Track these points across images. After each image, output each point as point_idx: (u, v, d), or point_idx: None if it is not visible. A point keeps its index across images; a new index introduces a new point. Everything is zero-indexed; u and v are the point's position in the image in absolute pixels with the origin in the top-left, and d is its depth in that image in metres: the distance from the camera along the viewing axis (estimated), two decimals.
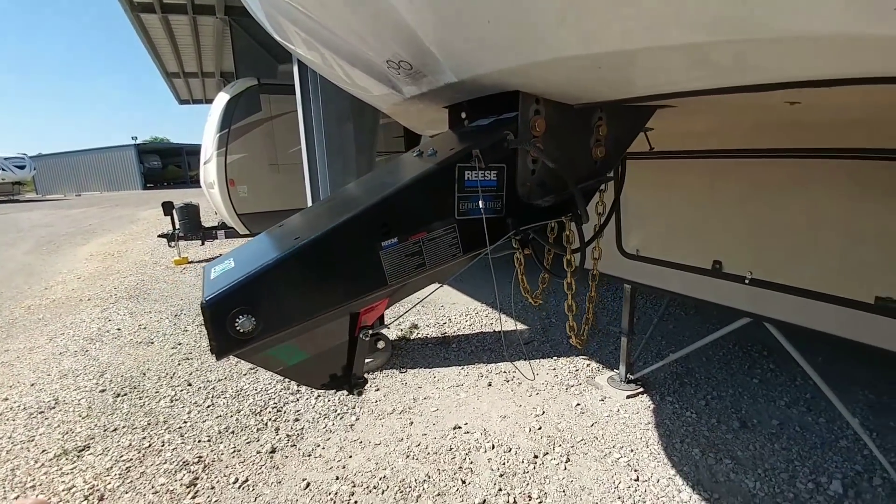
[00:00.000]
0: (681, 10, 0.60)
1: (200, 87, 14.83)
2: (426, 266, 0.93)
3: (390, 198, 0.87)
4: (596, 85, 0.91)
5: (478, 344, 3.74)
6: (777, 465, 2.14)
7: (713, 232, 2.17)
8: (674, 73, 0.75)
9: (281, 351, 0.87)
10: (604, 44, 0.69)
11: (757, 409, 2.61)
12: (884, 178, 1.48)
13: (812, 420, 2.47)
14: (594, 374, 3.13)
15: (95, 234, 10.68)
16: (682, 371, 3.10)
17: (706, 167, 2.11)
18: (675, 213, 2.35)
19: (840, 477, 2.02)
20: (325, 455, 2.39)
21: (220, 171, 6.65)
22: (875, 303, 1.50)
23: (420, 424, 2.64)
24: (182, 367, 3.48)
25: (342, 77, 1.44)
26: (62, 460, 2.42)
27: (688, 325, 3.91)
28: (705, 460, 2.21)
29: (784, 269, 1.84)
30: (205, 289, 0.81)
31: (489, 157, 0.97)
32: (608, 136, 1.12)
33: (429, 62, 0.92)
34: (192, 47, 10.76)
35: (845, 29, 0.54)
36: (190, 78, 13.55)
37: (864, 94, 0.96)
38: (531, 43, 0.74)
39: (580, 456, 2.30)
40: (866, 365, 2.99)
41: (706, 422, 2.52)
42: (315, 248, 0.82)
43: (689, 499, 1.98)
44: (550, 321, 4.15)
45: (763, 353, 3.22)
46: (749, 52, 0.66)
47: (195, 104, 17.09)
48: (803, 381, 2.85)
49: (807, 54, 0.61)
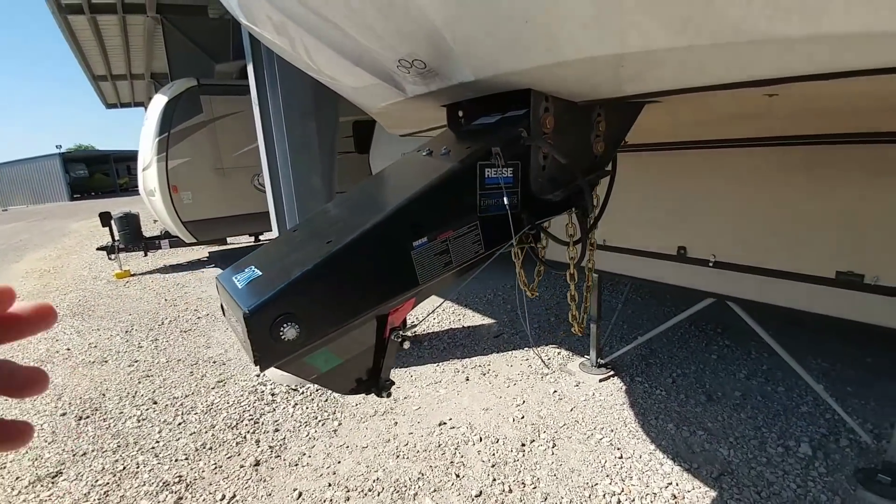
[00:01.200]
0: (706, 13, 0.65)
1: (129, 89, 13.85)
2: (453, 264, 0.95)
3: (420, 197, 0.88)
4: (605, 83, 0.96)
5: (449, 340, 3.77)
6: (746, 432, 2.33)
7: (677, 219, 2.32)
8: (688, 70, 0.80)
9: (317, 358, 0.85)
10: (632, 44, 0.73)
11: (720, 383, 2.83)
12: (838, 161, 1.66)
13: (772, 389, 2.71)
14: (566, 361, 3.26)
15: (28, 250, 9.77)
16: (647, 353, 3.29)
17: (669, 159, 2.26)
18: (639, 203, 2.49)
19: (807, 440, 2.23)
20: (313, 463, 2.33)
21: (162, 178, 6.26)
22: (836, 277, 1.67)
23: (405, 424, 2.63)
24: (143, 385, 3.26)
25: (328, 75, 1.41)
26: (37, 487, 2.25)
27: (646, 310, 4.15)
28: (680, 433, 2.37)
29: (747, 251, 2.00)
30: (238, 299, 0.78)
31: (506, 154, 0.99)
32: (606, 131, 1.18)
33: (446, 61, 0.93)
34: (120, 48, 10.04)
35: None
36: (118, 80, 12.63)
37: (836, 86, 1.07)
38: (562, 43, 0.77)
39: (565, 440, 2.39)
40: (814, 335, 3.31)
41: (675, 398, 2.70)
42: (351, 250, 0.81)
43: (671, 470, 2.11)
44: (517, 313, 4.26)
45: (717, 331, 3.49)
46: (748, 54, 0.73)
47: (123, 108, 15.93)
48: (758, 353, 3.12)
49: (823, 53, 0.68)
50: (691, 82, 0.92)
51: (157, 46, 9.73)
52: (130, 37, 9.55)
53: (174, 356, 3.76)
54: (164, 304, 5.22)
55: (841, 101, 1.41)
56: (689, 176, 2.21)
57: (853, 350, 3.10)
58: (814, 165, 1.74)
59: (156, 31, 8.90)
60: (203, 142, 6.51)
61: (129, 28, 9.09)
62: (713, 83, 0.92)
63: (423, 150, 1.13)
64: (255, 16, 1.38)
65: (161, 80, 11.74)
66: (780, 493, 1.97)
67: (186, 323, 4.56)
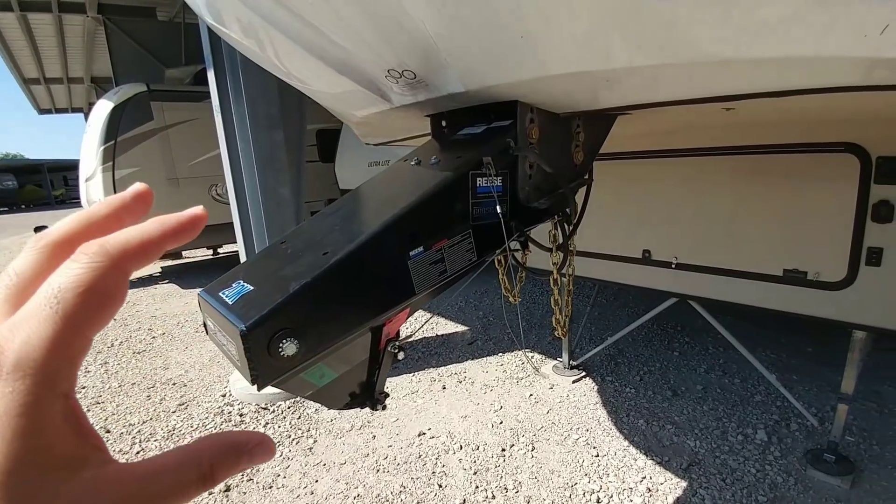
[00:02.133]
0: (689, 33, 0.70)
1: (65, 94, 12.98)
2: (448, 272, 0.95)
3: (417, 206, 0.88)
4: (588, 96, 1.00)
5: (423, 349, 3.76)
6: (709, 424, 2.46)
7: (641, 224, 2.44)
8: (676, 85, 0.85)
9: (313, 373, 0.83)
10: (623, 60, 0.77)
11: (682, 378, 2.97)
12: (785, 169, 1.80)
13: (729, 382, 2.88)
14: (539, 364, 3.32)
15: None
16: (615, 353, 3.40)
17: (635, 167, 2.37)
18: (605, 209, 2.60)
19: (763, 427, 2.39)
20: (288, 484, 2.25)
21: (108, 189, 5.92)
22: (783, 274, 1.81)
23: (383, 437, 2.59)
24: (94, 412, 3.03)
25: (306, 83, 1.39)
26: None
27: (610, 311, 4.30)
28: (650, 428, 2.46)
29: (706, 253, 2.13)
30: (229, 315, 0.74)
31: (496, 164, 1.01)
32: (585, 141, 1.23)
33: (437, 72, 0.94)
34: (56, 50, 9.39)
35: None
36: (53, 84, 11.81)
37: (786, 102, 1.17)
38: (554, 57, 0.80)
39: (543, 442, 2.43)
40: (759, 328, 3.53)
41: (644, 394, 2.81)
42: (351, 260, 0.80)
43: (644, 465, 2.19)
44: (489, 319, 4.31)
45: (678, 329, 3.66)
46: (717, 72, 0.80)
47: (59, 114, 14.91)
48: (715, 349, 3.30)
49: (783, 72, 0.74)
50: (664, 97, 0.98)
51: (98, 49, 9.21)
52: (67, 38, 8.99)
53: (127, 380, 3.53)
54: (114, 325, 4.90)
55: (787, 115, 1.54)
56: (653, 183, 2.33)
57: (795, 341, 3.35)
58: (762, 173, 1.88)
59: (97, 32, 8.42)
60: (154, 150, 6.22)
61: (65, 28, 8.55)
62: (682, 98, 0.98)
63: (410, 160, 1.14)
64: (225, 17, 1.34)
65: (103, 84, 11.11)
66: (742, 478, 2.09)
67: (140, 343, 4.30)
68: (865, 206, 1.71)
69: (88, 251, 0.22)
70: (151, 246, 0.24)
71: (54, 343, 0.21)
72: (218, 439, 0.26)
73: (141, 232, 0.24)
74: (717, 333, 2.41)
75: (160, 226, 0.25)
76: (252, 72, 2.74)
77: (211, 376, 3.49)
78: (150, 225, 0.25)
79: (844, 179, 1.73)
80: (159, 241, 0.25)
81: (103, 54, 8.58)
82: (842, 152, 1.72)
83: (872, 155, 1.68)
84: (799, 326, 3.46)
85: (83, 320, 0.22)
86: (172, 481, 0.23)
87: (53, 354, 0.21)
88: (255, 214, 2.98)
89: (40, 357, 0.20)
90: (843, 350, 2.04)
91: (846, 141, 1.71)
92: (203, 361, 3.77)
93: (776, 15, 0.64)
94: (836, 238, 1.79)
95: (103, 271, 0.22)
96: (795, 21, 0.64)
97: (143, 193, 0.27)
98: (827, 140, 1.77)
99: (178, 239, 0.26)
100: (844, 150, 1.72)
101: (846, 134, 1.71)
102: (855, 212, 1.73)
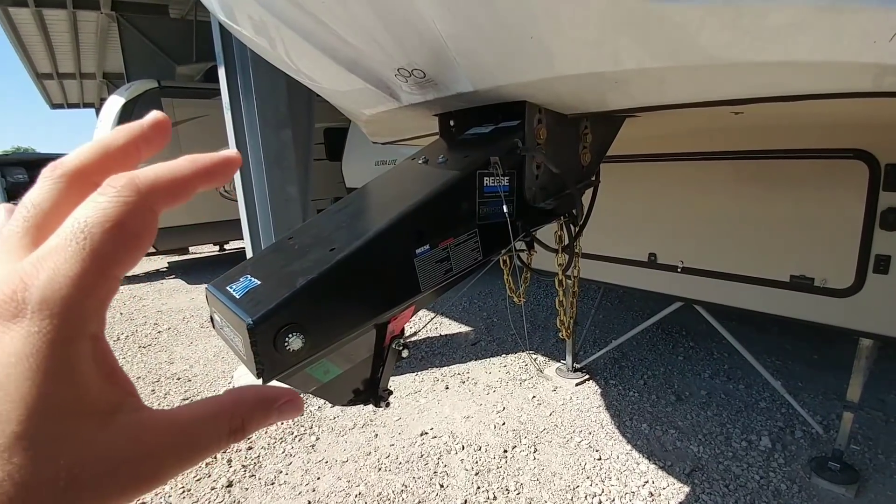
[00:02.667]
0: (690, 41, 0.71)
1: (78, 89, 13.13)
2: (453, 270, 0.96)
3: (425, 204, 0.88)
4: (596, 97, 1.01)
5: (427, 349, 3.76)
6: (713, 429, 2.44)
7: (648, 227, 2.43)
8: (684, 87, 0.86)
9: (318, 369, 0.84)
10: (632, 62, 0.77)
11: (686, 383, 2.95)
12: (793, 174, 1.79)
13: (733, 387, 2.86)
14: (542, 366, 3.31)
15: None
16: (619, 356, 3.39)
17: (639, 169, 2.36)
18: (612, 212, 2.59)
19: (767, 434, 2.37)
20: (290, 481, 2.26)
21: None
22: (790, 280, 1.80)
23: (385, 436, 2.60)
24: None
25: (317, 80, 1.40)
26: None
27: (616, 314, 4.29)
28: (653, 433, 2.46)
29: (712, 258, 2.12)
30: (237, 309, 0.75)
31: (503, 163, 1.02)
32: (592, 143, 1.23)
33: (447, 72, 0.95)
34: (69, 45, 9.51)
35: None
36: (65, 79, 11.95)
37: (795, 107, 1.17)
38: (563, 58, 0.80)
39: (545, 444, 2.43)
40: (763, 334, 3.51)
41: (647, 399, 2.80)
42: (358, 257, 0.81)
43: (647, 469, 2.19)
44: (493, 320, 4.31)
45: (682, 333, 3.65)
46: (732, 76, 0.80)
47: (71, 109, 15.09)
48: (720, 354, 3.28)
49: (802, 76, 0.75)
50: (672, 99, 0.99)
51: (111, 45, 9.31)
52: (81, 33, 9.10)
53: (132, 374, 3.56)
54: (120, 319, 4.95)
55: (795, 120, 1.53)
56: (660, 186, 2.32)
57: (800, 347, 3.32)
58: (770, 178, 1.87)
59: (110, 28, 8.51)
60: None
61: (79, 24, 8.66)
62: (690, 101, 0.98)
63: (418, 159, 1.14)
64: (237, 14, 1.35)
65: (115, 80, 11.21)
66: (745, 484, 2.08)
67: (145, 338, 4.34)
68: (874, 213, 1.70)
69: (116, 184, 0.21)
70: (183, 184, 0.23)
71: (82, 280, 0.19)
72: (249, 392, 0.25)
73: (172, 169, 0.23)
74: (721, 338, 2.40)
75: (192, 164, 0.23)
76: (262, 70, 2.76)
77: (215, 371, 3.51)
78: (182, 162, 0.23)
79: (853, 186, 1.72)
80: (191, 180, 0.23)
81: (116, 50, 8.68)
82: (851, 159, 1.71)
83: (881, 162, 1.67)
84: (804, 333, 3.43)
85: (112, 258, 0.20)
86: (206, 432, 0.22)
87: (82, 292, 0.19)
88: (263, 211, 3.00)
89: (68, 294, 0.19)
90: (848, 358, 2.03)
91: (855, 147, 1.70)
92: (208, 357, 3.80)
93: (785, 20, 0.64)
94: (843, 245, 1.78)
95: (133, 207, 0.20)
96: (804, 26, 0.64)
97: (161, 122, 0.25)
98: (836, 146, 1.76)
99: (210, 180, 0.24)
100: (853, 156, 1.71)
101: (855, 140, 1.70)
102: (863, 219, 1.72)
